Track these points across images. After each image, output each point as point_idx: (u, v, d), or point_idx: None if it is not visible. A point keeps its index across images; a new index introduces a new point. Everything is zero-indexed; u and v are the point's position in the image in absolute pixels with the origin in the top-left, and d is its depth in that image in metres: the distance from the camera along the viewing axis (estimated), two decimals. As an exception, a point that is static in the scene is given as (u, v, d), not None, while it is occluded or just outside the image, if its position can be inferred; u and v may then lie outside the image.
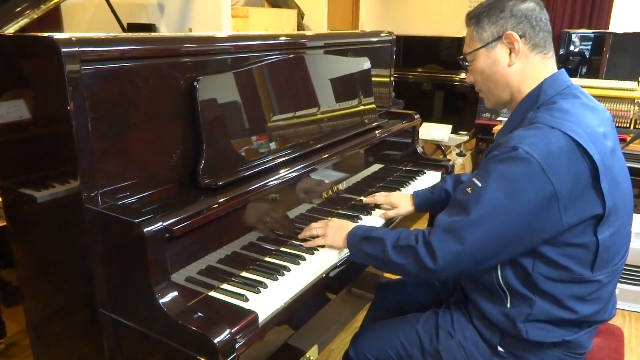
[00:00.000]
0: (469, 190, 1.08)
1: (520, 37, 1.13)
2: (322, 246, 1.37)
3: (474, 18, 1.19)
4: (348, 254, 1.39)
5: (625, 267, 1.20)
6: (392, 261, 1.17)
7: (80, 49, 0.98)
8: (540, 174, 0.99)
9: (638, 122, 3.18)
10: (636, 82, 3.33)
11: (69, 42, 0.97)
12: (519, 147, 1.01)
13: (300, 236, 1.41)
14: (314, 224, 1.41)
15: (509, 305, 1.14)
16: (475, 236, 1.05)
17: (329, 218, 1.50)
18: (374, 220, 1.61)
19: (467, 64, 1.23)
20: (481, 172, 1.09)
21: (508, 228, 1.03)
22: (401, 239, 1.17)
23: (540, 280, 1.09)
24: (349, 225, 1.35)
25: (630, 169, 1.17)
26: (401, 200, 1.62)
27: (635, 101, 3.18)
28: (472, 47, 1.20)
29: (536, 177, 0.99)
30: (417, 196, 1.61)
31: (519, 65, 1.16)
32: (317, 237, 1.37)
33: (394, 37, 2.20)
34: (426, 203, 1.60)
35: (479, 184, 1.06)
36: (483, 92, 1.25)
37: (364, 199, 1.71)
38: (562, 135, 1.01)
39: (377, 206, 1.67)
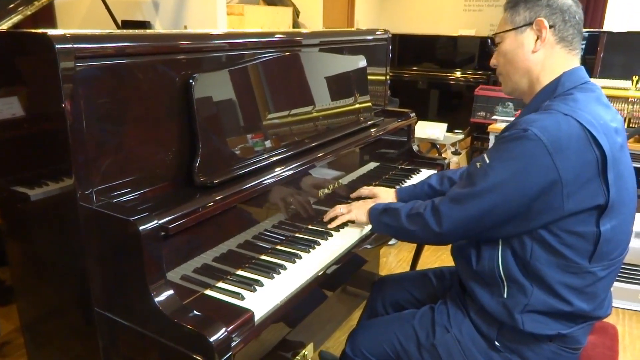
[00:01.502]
0: (478, 165, 1.15)
1: (550, 27, 1.15)
2: (335, 232, 1.47)
3: (511, 2, 1.22)
4: (343, 252, 1.40)
5: (621, 264, 1.20)
6: (405, 228, 1.28)
7: (75, 46, 0.97)
8: (546, 156, 1.02)
9: (632, 121, 3.20)
10: (630, 81, 3.35)
11: (63, 39, 0.96)
12: (529, 129, 1.04)
13: (325, 218, 1.52)
14: (338, 206, 1.53)
15: (506, 295, 1.16)
16: (478, 206, 1.12)
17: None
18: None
19: (494, 46, 1.26)
20: (492, 149, 1.15)
21: (510, 203, 1.08)
22: (413, 208, 1.28)
23: (538, 268, 1.11)
24: (370, 203, 1.48)
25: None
26: (382, 193, 1.65)
27: (629, 100, 3.20)
28: (503, 29, 1.23)
29: (541, 160, 1.02)
30: (400, 191, 1.64)
31: (542, 54, 1.17)
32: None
33: (390, 36, 2.20)
34: (409, 196, 1.61)
35: (487, 160, 1.12)
36: (502, 76, 1.27)
37: (352, 195, 1.72)
38: (574, 123, 1.03)
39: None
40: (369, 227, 1.58)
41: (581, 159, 1.02)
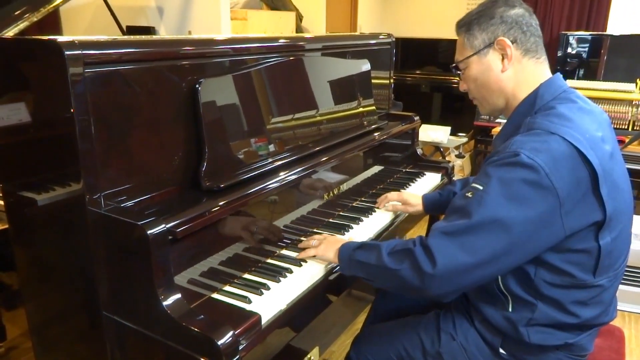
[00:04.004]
0: (469, 194, 1.05)
1: (512, 42, 1.13)
2: (341, 236, 1.42)
3: (465, 26, 1.19)
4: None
5: (625, 269, 1.20)
6: (387, 267, 1.11)
7: (84, 52, 0.98)
8: (545, 179, 0.98)
9: (636, 123, 3.19)
10: (634, 84, 3.34)
11: (72, 45, 0.97)
12: (520, 153, 1.00)
13: (301, 245, 1.38)
14: (315, 236, 1.38)
15: (510, 310, 1.14)
16: (477, 240, 1.01)
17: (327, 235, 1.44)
18: (375, 222, 1.61)
19: (459, 72, 1.23)
20: (481, 176, 1.06)
21: (510, 233, 1.00)
22: (398, 245, 1.14)
23: (542, 286, 1.09)
24: (343, 240, 1.32)
25: (629, 170, 1.17)
26: (412, 199, 1.64)
27: (633, 103, 3.19)
28: (463, 54, 1.20)
29: (541, 183, 0.98)
30: (426, 198, 1.63)
31: (512, 71, 1.15)
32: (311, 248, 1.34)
33: (394, 39, 2.21)
34: (434, 205, 1.62)
35: (480, 188, 1.03)
36: (477, 100, 1.24)
37: (378, 200, 1.71)
38: (562, 141, 1.00)
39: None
40: (375, 230, 1.58)
41: (573, 176, 0.99)
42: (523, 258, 1.05)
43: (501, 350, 1.19)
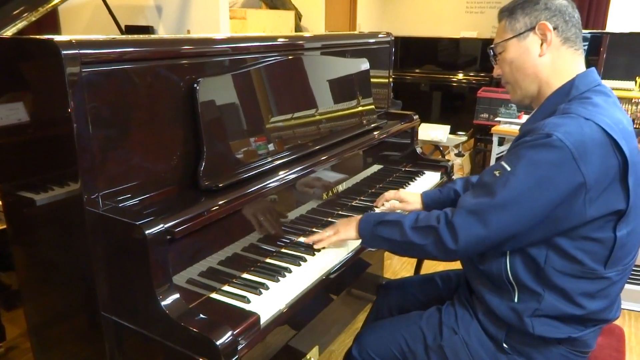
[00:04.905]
0: (497, 173, 1.09)
1: (553, 29, 1.14)
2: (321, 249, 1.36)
3: (507, 11, 1.20)
4: (348, 255, 1.39)
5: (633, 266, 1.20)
6: (412, 242, 1.18)
7: (81, 52, 0.98)
8: (571, 162, 1.00)
9: (636, 121, 3.20)
10: (633, 82, 3.34)
11: (69, 45, 0.96)
12: (553, 134, 1.01)
13: (308, 240, 1.39)
14: (324, 230, 1.40)
15: (516, 300, 1.14)
16: (499, 219, 1.06)
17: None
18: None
19: (495, 56, 1.24)
20: (511, 156, 1.09)
21: (532, 214, 1.04)
22: (420, 220, 1.19)
23: (552, 274, 1.09)
24: (357, 217, 1.36)
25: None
26: (410, 197, 1.63)
27: (633, 101, 3.19)
28: (503, 37, 1.21)
29: (566, 166, 1.00)
30: (426, 195, 1.62)
31: (549, 57, 1.16)
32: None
33: (393, 38, 2.20)
34: (434, 202, 1.61)
35: (508, 168, 1.07)
36: (510, 84, 1.25)
37: (377, 199, 1.70)
38: (596, 128, 1.02)
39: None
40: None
41: (604, 163, 1.01)
42: (539, 235, 1.08)
43: (504, 345, 1.19)
